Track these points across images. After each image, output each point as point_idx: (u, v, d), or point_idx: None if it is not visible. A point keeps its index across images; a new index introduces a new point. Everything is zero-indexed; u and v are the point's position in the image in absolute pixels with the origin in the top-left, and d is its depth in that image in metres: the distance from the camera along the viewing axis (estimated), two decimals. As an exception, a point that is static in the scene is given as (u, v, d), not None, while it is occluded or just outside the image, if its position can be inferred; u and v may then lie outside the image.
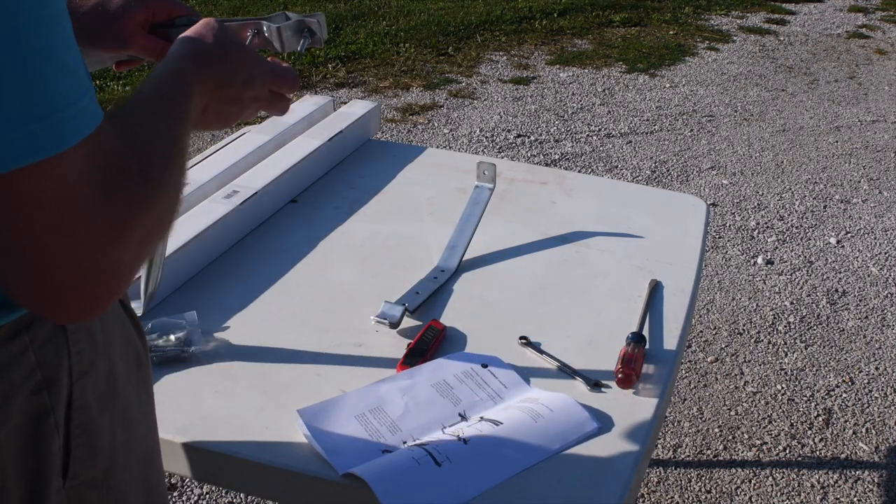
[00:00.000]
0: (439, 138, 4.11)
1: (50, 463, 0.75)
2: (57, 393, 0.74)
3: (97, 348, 0.78)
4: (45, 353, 0.73)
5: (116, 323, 0.83)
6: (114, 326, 0.82)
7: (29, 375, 0.72)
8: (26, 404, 0.72)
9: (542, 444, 1.05)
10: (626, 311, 1.34)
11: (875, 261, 3.25)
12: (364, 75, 4.85)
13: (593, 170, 3.87)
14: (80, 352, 0.75)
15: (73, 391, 0.75)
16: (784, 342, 2.75)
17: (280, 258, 1.45)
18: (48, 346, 0.73)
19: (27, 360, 0.71)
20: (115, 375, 0.81)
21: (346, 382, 1.16)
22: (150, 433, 0.91)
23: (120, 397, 0.82)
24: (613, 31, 5.86)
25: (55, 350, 0.73)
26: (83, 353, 0.76)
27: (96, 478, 0.80)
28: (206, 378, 1.16)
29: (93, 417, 0.77)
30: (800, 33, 6.02)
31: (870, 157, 4.13)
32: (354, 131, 1.85)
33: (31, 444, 0.73)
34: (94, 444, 0.78)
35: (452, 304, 1.35)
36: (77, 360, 0.75)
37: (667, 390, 1.18)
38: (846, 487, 2.19)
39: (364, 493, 0.96)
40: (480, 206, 1.53)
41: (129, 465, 0.84)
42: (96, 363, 0.77)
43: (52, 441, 0.74)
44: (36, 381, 0.72)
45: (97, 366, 0.77)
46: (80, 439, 0.77)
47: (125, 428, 0.83)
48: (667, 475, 2.21)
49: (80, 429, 0.76)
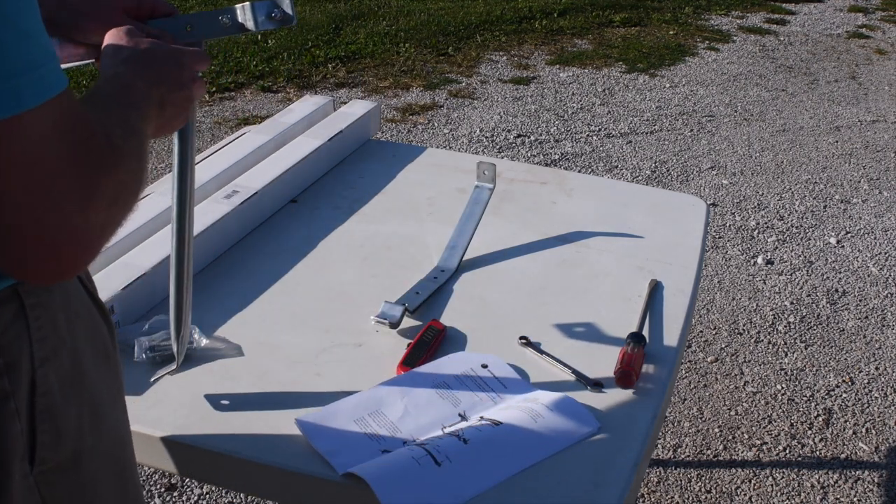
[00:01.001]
0: (439, 138, 4.11)
1: (10, 448, 0.75)
2: (17, 378, 0.74)
3: (61, 336, 0.78)
4: (6, 338, 0.73)
5: (83, 313, 0.83)
6: (79, 316, 0.83)
7: None
8: None
9: (542, 444, 1.05)
10: (626, 311, 1.34)
11: (875, 261, 3.25)
12: (364, 75, 4.85)
13: (593, 170, 3.87)
14: (43, 338, 0.76)
15: (35, 377, 0.76)
16: (784, 342, 2.75)
17: (280, 258, 1.45)
18: (9, 332, 0.74)
19: None
20: (80, 363, 0.81)
21: (346, 382, 1.16)
22: (121, 421, 0.91)
23: (86, 385, 0.82)
24: (613, 31, 5.86)
25: (16, 336, 0.74)
26: (45, 340, 0.76)
27: (64, 463, 0.80)
28: (206, 378, 1.16)
29: (57, 403, 0.78)
30: (800, 33, 6.02)
31: (870, 157, 4.13)
32: (354, 131, 1.85)
33: None
34: (60, 428, 0.79)
35: (452, 304, 1.35)
36: (39, 347, 0.76)
37: (667, 390, 1.18)
38: (846, 487, 2.19)
39: (364, 493, 0.96)
40: (480, 206, 1.53)
41: (98, 450, 0.85)
42: (59, 350, 0.78)
43: (11, 425, 0.75)
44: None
45: (60, 353, 0.78)
46: (45, 425, 0.77)
47: (92, 414, 0.83)
48: (667, 475, 2.21)
49: (45, 414, 0.77)
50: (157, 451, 1.08)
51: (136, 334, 1.20)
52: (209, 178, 1.57)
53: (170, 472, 1.88)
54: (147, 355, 1.17)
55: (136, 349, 1.17)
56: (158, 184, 1.60)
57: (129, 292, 1.25)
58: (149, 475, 2.12)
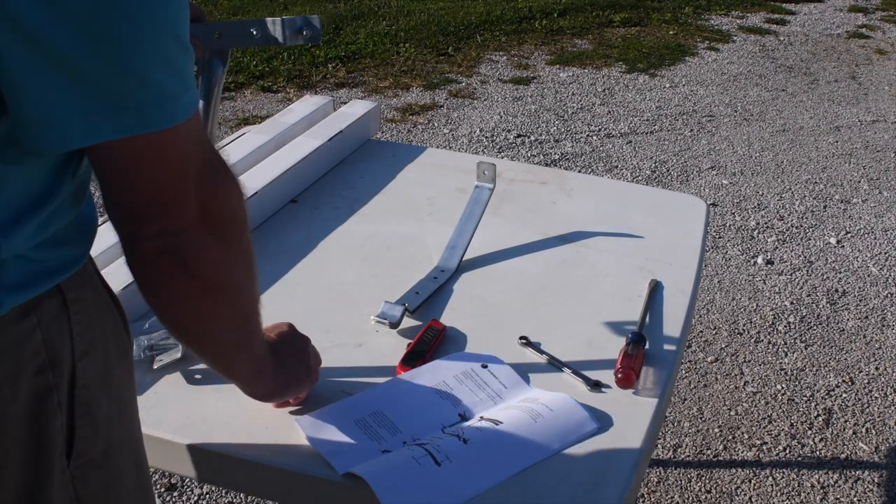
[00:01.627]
0: (439, 138, 4.11)
1: (53, 442, 0.76)
2: (59, 372, 0.76)
3: (94, 331, 0.80)
4: (51, 333, 0.75)
5: (108, 309, 0.85)
6: (106, 312, 0.84)
7: (35, 355, 0.74)
8: (31, 384, 0.74)
9: (542, 444, 1.05)
10: (626, 311, 1.34)
11: (875, 261, 3.25)
12: (364, 75, 4.85)
13: (593, 170, 3.87)
14: (82, 332, 0.78)
15: (75, 371, 0.77)
16: (784, 342, 2.75)
17: (280, 258, 1.45)
18: (54, 326, 0.75)
19: (34, 340, 0.73)
20: (110, 358, 0.83)
21: (346, 382, 1.16)
22: (137, 417, 0.93)
23: (114, 379, 0.84)
24: (613, 31, 5.86)
25: (59, 330, 0.75)
26: (84, 334, 0.78)
27: (97, 458, 0.81)
28: (207, 378, 1.16)
29: (94, 397, 0.79)
30: (800, 33, 6.02)
31: (870, 157, 4.13)
32: (354, 131, 1.85)
33: (34, 423, 0.75)
34: (96, 421, 0.80)
35: (452, 304, 1.35)
36: (79, 341, 0.77)
37: (667, 390, 1.18)
38: (846, 487, 2.19)
39: (364, 492, 0.96)
40: (480, 206, 1.53)
41: (124, 444, 0.87)
42: (96, 344, 0.80)
43: (54, 420, 0.76)
44: (41, 360, 0.74)
45: (96, 347, 0.80)
46: (85, 418, 0.79)
47: (119, 409, 0.85)
48: (667, 475, 2.21)
49: (84, 408, 0.78)
50: (157, 451, 1.08)
51: (136, 333, 1.20)
52: (209, 178, 1.56)
53: (170, 472, 1.88)
54: (146, 354, 1.17)
55: (135, 348, 1.17)
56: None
57: (130, 292, 1.25)
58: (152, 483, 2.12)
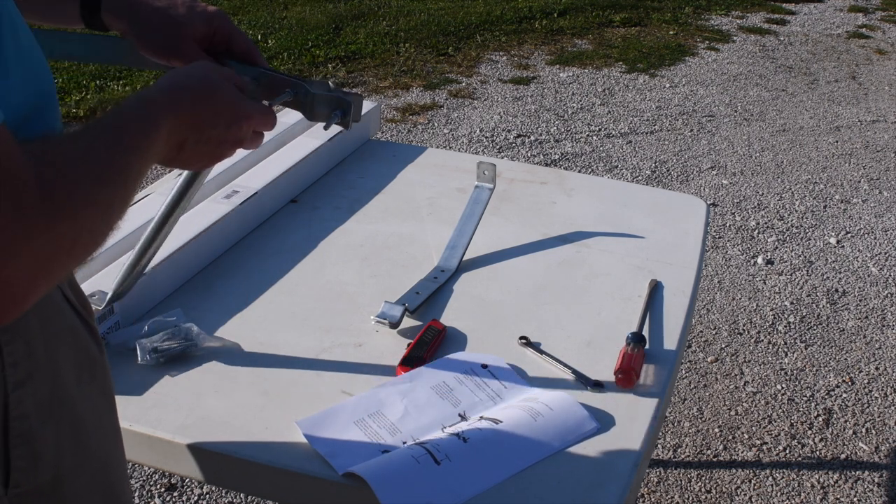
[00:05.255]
0: (439, 138, 4.11)
1: None
2: None
3: (36, 358, 0.76)
4: None
5: (64, 331, 0.80)
6: (60, 335, 0.80)
7: None
8: None
9: (542, 444, 1.05)
10: (626, 311, 1.34)
11: (875, 261, 3.25)
12: (364, 75, 4.85)
13: (593, 170, 3.87)
14: (15, 363, 0.74)
15: (8, 402, 0.73)
16: (784, 342, 2.75)
17: (280, 258, 1.45)
18: None
19: None
20: (61, 384, 0.79)
21: (346, 382, 1.16)
22: (108, 439, 0.89)
23: (67, 406, 0.80)
24: (613, 31, 5.86)
25: None
26: (18, 364, 0.74)
27: (43, 487, 0.78)
28: (206, 378, 1.16)
29: (33, 426, 0.76)
30: (800, 33, 6.02)
31: (870, 157, 4.13)
32: (354, 131, 1.85)
33: None
34: (37, 452, 0.76)
35: (452, 304, 1.35)
36: (12, 371, 0.73)
37: (667, 390, 1.18)
38: (846, 487, 2.19)
39: (364, 492, 0.96)
40: (480, 206, 1.53)
41: (81, 473, 0.83)
42: (34, 374, 0.76)
43: None
44: None
45: (35, 376, 0.76)
46: (20, 450, 0.75)
47: (74, 436, 0.81)
48: (667, 475, 2.21)
49: (20, 438, 0.75)
50: (157, 451, 1.08)
51: (136, 336, 1.20)
52: (209, 179, 1.56)
53: (170, 472, 1.88)
54: (150, 356, 1.17)
55: (138, 352, 1.17)
56: (158, 184, 1.60)
57: (130, 295, 1.25)
58: (149, 475, 2.12)
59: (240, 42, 1.02)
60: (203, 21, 1.00)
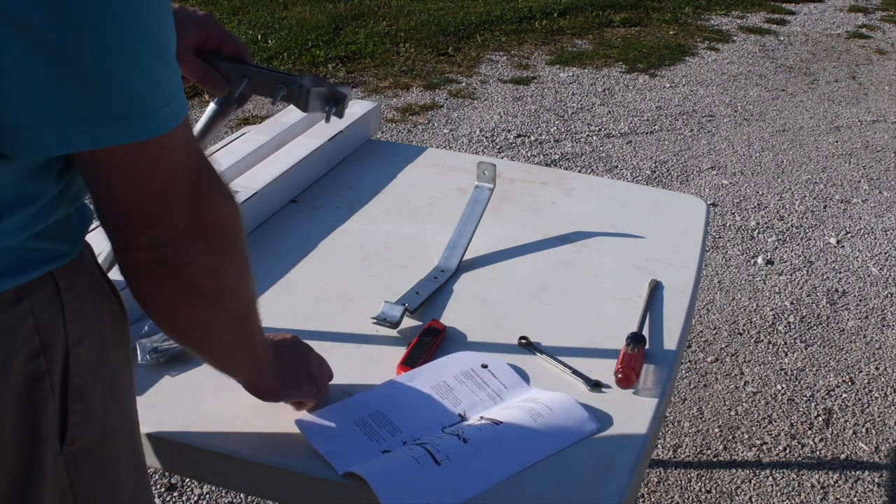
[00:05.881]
0: (439, 138, 4.11)
1: (45, 426, 0.77)
2: (52, 358, 0.76)
3: (89, 319, 0.80)
4: (44, 319, 0.75)
5: (105, 298, 0.85)
6: (103, 301, 0.85)
7: (27, 340, 0.74)
8: (23, 368, 0.75)
9: (542, 444, 1.05)
10: (626, 311, 1.34)
11: (875, 261, 3.25)
12: (364, 75, 4.85)
13: (593, 170, 3.87)
14: (76, 320, 0.78)
15: (69, 357, 0.78)
16: (784, 342, 2.75)
17: (280, 258, 1.45)
18: (46, 312, 0.75)
19: (27, 325, 0.74)
20: (105, 346, 0.83)
21: (346, 382, 1.16)
22: (134, 406, 0.93)
23: (110, 367, 0.84)
24: (613, 31, 5.86)
25: (52, 317, 0.76)
26: (78, 322, 0.78)
27: (92, 444, 0.82)
28: (206, 378, 1.16)
29: (87, 384, 0.80)
30: (800, 33, 6.02)
31: (870, 157, 4.13)
32: (354, 131, 1.85)
33: (26, 407, 0.75)
34: (89, 408, 0.81)
35: (452, 304, 1.35)
36: (73, 328, 0.78)
37: (667, 390, 1.18)
38: (846, 487, 2.19)
39: (364, 492, 0.96)
40: (480, 206, 1.53)
41: (119, 433, 0.87)
42: (89, 332, 0.80)
43: (46, 405, 0.77)
44: (34, 345, 0.75)
45: (90, 335, 0.80)
46: (77, 405, 0.79)
47: (114, 398, 0.85)
48: (667, 475, 2.21)
49: (77, 395, 0.79)
50: (157, 450, 1.08)
51: (136, 335, 1.20)
52: (209, 178, 1.56)
53: (170, 472, 1.88)
54: (150, 356, 1.17)
55: (138, 352, 1.17)
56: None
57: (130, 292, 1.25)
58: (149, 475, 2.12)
59: (230, 43, 1.09)
60: (198, 27, 1.06)
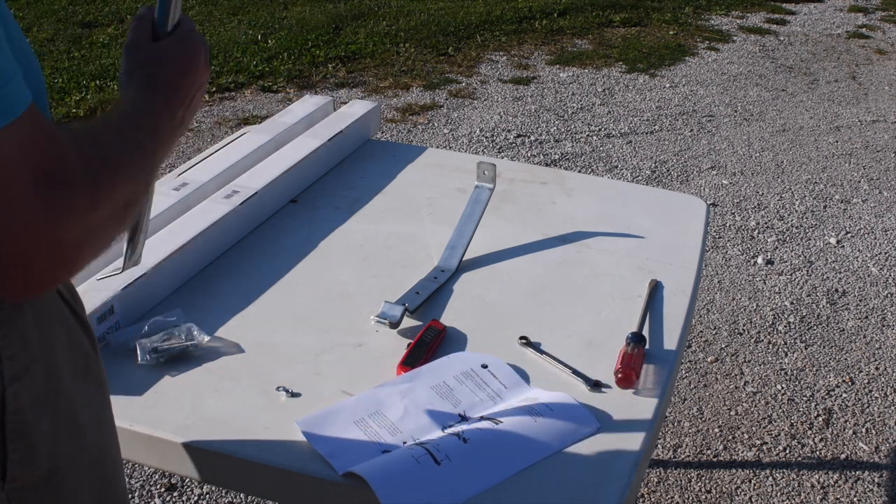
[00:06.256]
0: (439, 138, 4.11)
1: None
2: None
3: (32, 352, 0.77)
4: None
5: (58, 326, 0.82)
6: (54, 329, 0.81)
7: None
8: None
9: (542, 444, 1.05)
10: (626, 311, 1.34)
11: (875, 261, 3.25)
12: (364, 75, 4.85)
13: (593, 170, 3.87)
14: (12, 356, 0.75)
15: (5, 396, 0.74)
16: (784, 342, 2.75)
17: (280, 258, 1.45)
18: None
19: None
20: (56, 378, 0.80)
21: (346, 383, 1.16)
22: (103, 435, 0.90)
23: (63, 399, 0.81)
24: (613, 31, 5.86)
25: None
26: (15, 358, 0.75)
27: (38, 480, 0.79)
28: (206, 378, 1.16)
29: (29, 420, 0.77)
30: (800, 33, 6.02)
31: (870, 157, 4.13)
32: (354, 131, 1.85)
33: None
34: (33, 446, 0.77)
35: (452, 304, 1.35)
36: (8, 365, 0.74)
37: (667, 390, 1.18)
38: (846, 487, 2.19)
39: (364, 492, 0.96)
40: (480, 206, 1.53)
41: (76, 466, 0.83)
42: (31, 367, 0.77)
43: None
44: None
45: (32, 369, 0.77)
46: (16, 443, 0.76)
47: (69, 430, 0.82)
48: (667, 475, 2.21)
49: (15, 433, 0.76)
50: (157, 451, 1.08)
51: (136, 336, 1.20)
52: (209, 178, 1.57)
53: (170, 472, 1.88)
54: (150, 356, 1.17)
55: (138, 352, 1.17)
56: (158, 184, 1.60)
57: (130, 292, 1.25)
58: (149, 475, 2.12)
59: None
60: None
